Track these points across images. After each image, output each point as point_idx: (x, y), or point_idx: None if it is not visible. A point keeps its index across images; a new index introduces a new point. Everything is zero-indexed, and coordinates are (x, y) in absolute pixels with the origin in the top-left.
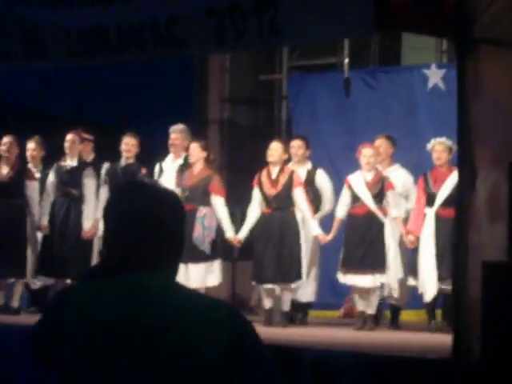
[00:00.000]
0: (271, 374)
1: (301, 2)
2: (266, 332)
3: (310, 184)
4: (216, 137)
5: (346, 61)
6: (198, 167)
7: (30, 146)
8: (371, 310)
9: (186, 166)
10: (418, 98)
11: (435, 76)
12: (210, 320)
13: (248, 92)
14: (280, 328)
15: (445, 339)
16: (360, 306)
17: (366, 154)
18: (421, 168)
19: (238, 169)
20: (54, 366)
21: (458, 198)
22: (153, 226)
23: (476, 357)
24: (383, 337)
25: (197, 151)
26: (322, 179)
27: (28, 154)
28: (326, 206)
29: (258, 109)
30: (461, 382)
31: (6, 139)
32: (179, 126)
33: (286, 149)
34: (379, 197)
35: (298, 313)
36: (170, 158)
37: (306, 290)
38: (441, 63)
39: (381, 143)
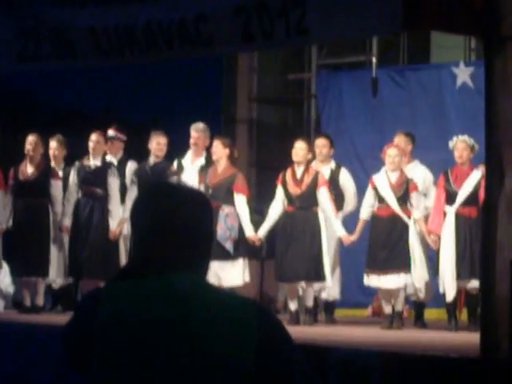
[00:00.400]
0: (308, 375)
1: (328, 1)
2: (293, 332)
3: (333, 183)
4: (244, 136)
5: (375, 59)
6: (222, 165)
7: (53, 144)
8: (398, 308)
9: (207, 165)
10: (447, 96)
11: (463, 74)
12: (239, 320)
13: (276, 91)
14: (307, 327)
15: (470, 337)
16: (386, 308)
17: (391, 154)
18: (449, 167)
19: (267, 168)
20: (84, 367)
21: (486, 197)
22: (182, 226)
23: (504, 354)
24: (408, 335)
25: (219, 148)
26: (345, 178)
27: (50, 152)
28: (348, 206)
29: (287, 108)
30: (489, 379)
31: (31, 138)
32: (200, 125)
33: (311, 148)
34: (404, 198)
35: (324, 312)
36: (189, 155)
37: (330, 289)
38: (469, 61)
39: (399, 140)
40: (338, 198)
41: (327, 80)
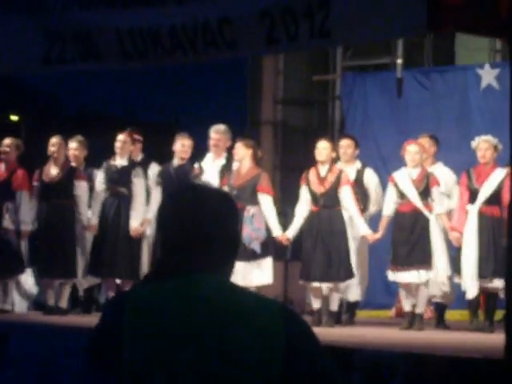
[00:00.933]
0: (334, 381)
1: (352, 3)
2: (316, 332)
3: (358, 183)
4: (269, 137)
5: (400, 61)
6: (246, 166)
7: (72, 145)
8: (419, 310)
9: (227, 166)
10: (472, 98)
11: (489, 75)
12: (265, 322)
13: (301, 92)
14: (328, 328)
15: (492, 338)
16: (406, 305)
17: (410, 150)
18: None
19: (292, 169)
20: (111, 371)
21: (511, 196)
22: (209, 228)
23: None
24: (430, 337)
25: (242, 150)
26: (370, 179)
27: (70, 153)
28: (373, 206)
29: (312, 109)
30: None
31: (55, 140)
32: (221, 127)
33: (334, 147)
34: (425, 193)
35: (346, 313)
36: (210, 157)
37: (353, 289)
38: (494, 62)
39: (423, 142)
40: (364, 198)
41: (352, 82)
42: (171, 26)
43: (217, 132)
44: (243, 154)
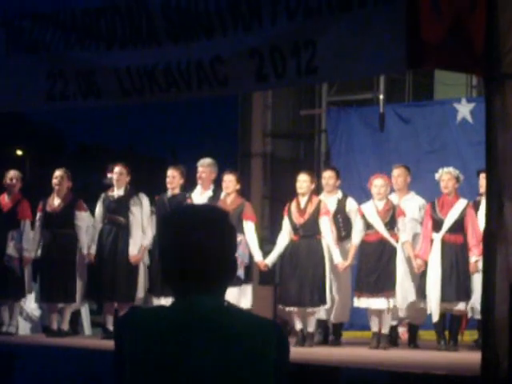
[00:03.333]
0: None
1: (336, 43)
2: (303, 352)
3: (340, 212)
4: (259, 169)
5: (382, 96)
6: (231, 197)
7: (58, 173)
8: (384, 330)
9: (214, 198)
10: (448, 131)
11: (464, 109)
12: (262, 338)
13: (289, 126)
14: (308, 348)
15: (470, 357)
16: (374, 326)
17: (377, 184)
18: (436, 197)
19: (279, 199)
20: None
21: (486, 225)
22: (208, 251)
23: (504, 373)
24: (409, 355)
25: (233, 183)
26: (352, 207)
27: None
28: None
29: (299, 142)
30: None
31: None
32: (207, 160)
33: (313, 179)
34: (391, 224)
35: (332, 334)
36: (198, 189)
37: (337, 312)
38: (470, 97)
39: (400, 172)
40: (347, 226)
41: (337, 116)
42: (166, 64)
43: (201, 165)
44: (234, 187)
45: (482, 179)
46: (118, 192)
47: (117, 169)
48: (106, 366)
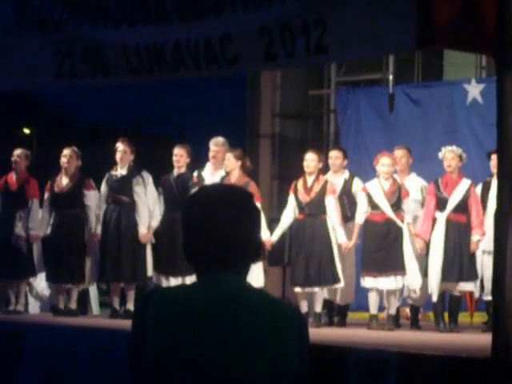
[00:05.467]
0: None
1: (346, 22)
2: (311, 332)
3: (346, 192)
4: (267, 149)
5: (391, 77)
6: (235, 176)
7: (66, 152)
8: (392, 311)
9: (226, 178)
10: (458, 112)
11: (474, 90)
12: (283, 321)
13: (298, 107)
14: (314, 329)
15: (480, 339)
16: (373, 308)
17: (384, 162)
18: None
19: (288, 179)
20: (140, 360)
21: (498, 205)
22: (233, 230)
23: None
24: (419, 337)
25: (231, 161)
26: (359, 188)
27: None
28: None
29: (308, 122)
30: (500, 379)
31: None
32: (220, 139)
33: (321, 159)
34: (397, 204)
35: (337, 315)
36: (209, 168)
37: (343, 293)
38: (480, 78)
39: (403, 154)
40: (352, 206)
41: (346, 96)
42: (175, 42)
43: (216, 144)
44: (233, 165)
45: (494, 160)
46: (121, 171)
47: (120, 147)
48: (113, 345)
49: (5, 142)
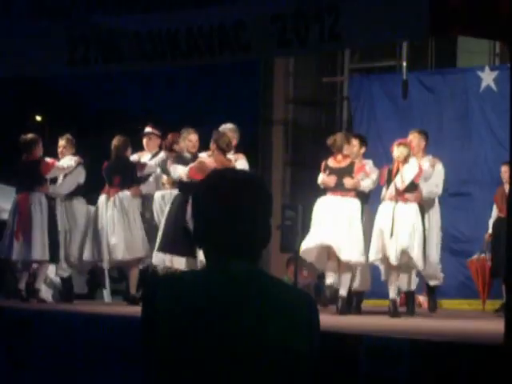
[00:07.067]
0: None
1: (360, 8)
2: (324, 320)
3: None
4: (280, 136)
5: (404, 64)
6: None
7: (61, 143)
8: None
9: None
10: (471, 99)
11: (488, 77)
12: (294, 307)
13: (311, 93)
14: (328, 315)
15: (491, 325)
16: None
17: (402, 150)
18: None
19: (301, 166)
20: (150, 347)
21: (510, 195)
22: (244, 214)
23: None
24: (431, 324)
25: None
26: (371, 168)
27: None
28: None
29: (321, 109)
30: None
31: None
32: (230, 126)
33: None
34: (411, 186)
35: (353, 301)
36: None
37: (358, 280)
38: (494, 65)
39: (413, 137)
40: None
41: (359, 83)
42: (188, 29)
43: (228, 131)
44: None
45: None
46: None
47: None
48: (124, 331)
49: (18, 129)
